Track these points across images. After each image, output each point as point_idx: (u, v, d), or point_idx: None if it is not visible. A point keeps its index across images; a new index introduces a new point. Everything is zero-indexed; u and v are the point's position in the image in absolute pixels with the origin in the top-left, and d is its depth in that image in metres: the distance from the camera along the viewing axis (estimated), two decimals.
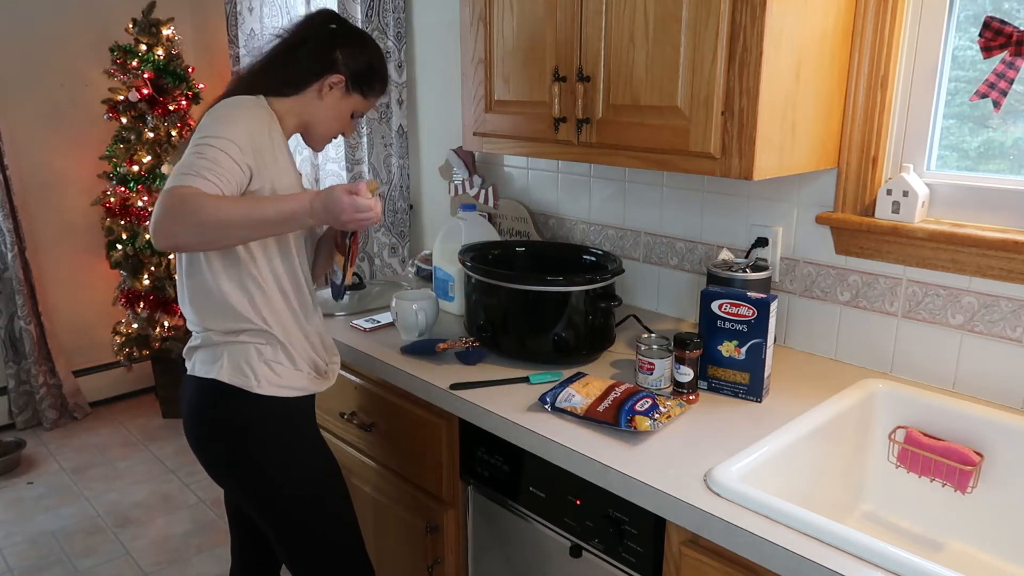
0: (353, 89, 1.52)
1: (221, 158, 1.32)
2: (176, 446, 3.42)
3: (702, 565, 1.16)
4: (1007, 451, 1.34)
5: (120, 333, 3.59)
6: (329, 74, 1.49)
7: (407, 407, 1.70)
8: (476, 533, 1.65)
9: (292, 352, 1.49)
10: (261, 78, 1.49)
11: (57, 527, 2.84)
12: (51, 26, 3.47)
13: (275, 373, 1.47)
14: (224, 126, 1.36)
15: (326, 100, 1.51)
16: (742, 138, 1.34)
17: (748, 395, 1.46)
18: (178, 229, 1.25)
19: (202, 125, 1.39)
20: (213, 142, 1.33)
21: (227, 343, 1.45)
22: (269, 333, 1.46)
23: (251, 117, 1.41)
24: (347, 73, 1.50)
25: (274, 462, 1.49)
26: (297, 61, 1.49)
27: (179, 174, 1.30)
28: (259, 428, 1.47)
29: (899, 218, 1.49)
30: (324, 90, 1.50)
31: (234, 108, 1.41)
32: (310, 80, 1.49)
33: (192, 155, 1.32)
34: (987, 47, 1.35)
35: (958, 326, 1.48)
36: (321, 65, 1.49)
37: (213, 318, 1.45)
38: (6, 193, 3.32)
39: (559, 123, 1.62)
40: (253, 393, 1.45)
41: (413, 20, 2.55)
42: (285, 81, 1.49)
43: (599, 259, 1.81)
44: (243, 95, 1.45)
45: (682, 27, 1.37)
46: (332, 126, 1.55)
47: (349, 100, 1.53)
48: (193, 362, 1.51)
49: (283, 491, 1.50)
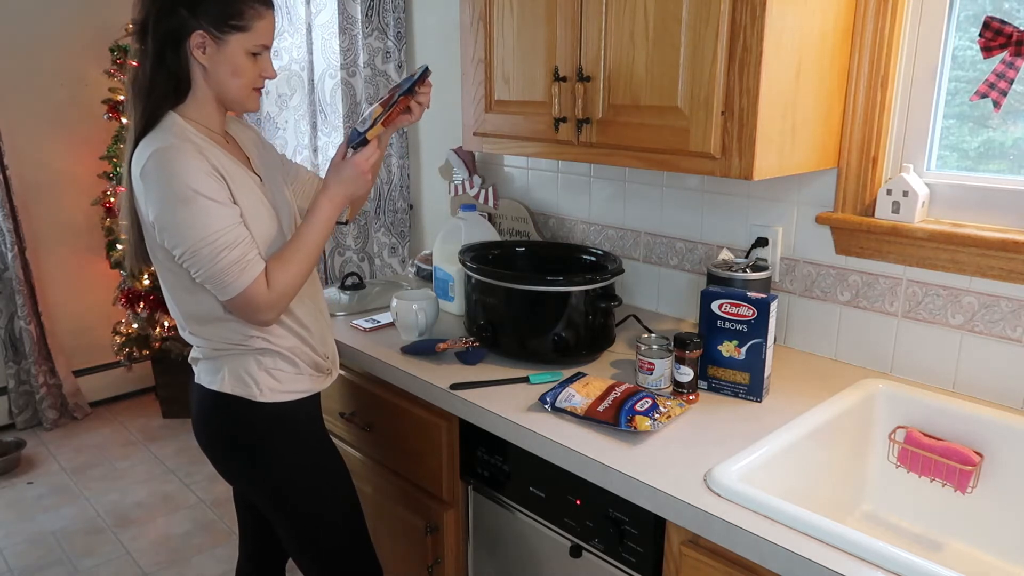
0: (222, 32, 1.32)
1: (224, 231, 1.30)
2: (176, 446, 3.42)
3: (702, 565, 1.16)
4: (1007, 451, 1.34)
5: (120, 333, 3.59)
6: (184, 41, 1.32)
7: (407, 407, 1.70)
8: (476, 533, 1.65)
9: (292, 357, 1.48)
10: (153, 100, 1.35)
11: (57, 527, 2.84)
12: (51, 26, 3.47)
13: (276, 380, 1.46)
14: (183, 205, 1.28)
15: (211, 66, 1.34)
16: (742, 138, 1.34)
17: (748, 395, 1.46)
18: (281, 310, 1.39)
19: (160, 211, 1.29)
20: (203, 235, 1.29)
21: (226, 355, 1.44)
22: (269, 342, 1.44)
23: (180, 164, 1.28)
24: (201, 22, 1.31)
25: (283, 463, 1.50)
26: (155, 58, 1.32)
27: (227, 281, 1.31)
28: (265, 434, 1.48)
29: (899, 218, 1.49)
30: (199, 58, 1.33)
31: (163, 172, 1.28)
32: (181, 66, 1.34)
33: (207, 252, 1.30)
34: (987, 47, 1.35)
35: (958, 326, 1.48)
36: (175, 39, 1.31)
37: (209, 332, 1.44)
38: (6, 193, 3.32)
39: (559, 123, 1.62)
40: (256, 401, 1.45)
41: (413, 20, 2.55)
42: (165, 91, 1.34)
43: (599, 259, 1.81)
44: (154, 132, 1.33)
45: (682, 27, 1.37)
46: (239, 82, 1.37)
47: (229, 46, 1.34)
48: (197, 372, 1.51)
49: (292, 490, 1.52)
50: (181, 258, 1.32)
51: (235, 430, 1.47)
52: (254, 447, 1.48)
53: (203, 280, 1.34)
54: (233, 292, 1.33)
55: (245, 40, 1.35)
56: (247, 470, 1.51)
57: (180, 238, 1.30)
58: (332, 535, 1.57)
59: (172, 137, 1.32)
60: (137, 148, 1.34)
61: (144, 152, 1.31)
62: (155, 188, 1.30)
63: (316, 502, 1.54)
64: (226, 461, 1.54)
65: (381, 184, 2.70)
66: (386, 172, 2.69)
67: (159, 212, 1.31)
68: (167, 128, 1.34)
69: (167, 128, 1.34)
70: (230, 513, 2.92)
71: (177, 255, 1.33)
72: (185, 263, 1.33)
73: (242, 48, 1.35)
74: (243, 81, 1.38)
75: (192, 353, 1.52)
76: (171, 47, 1.33)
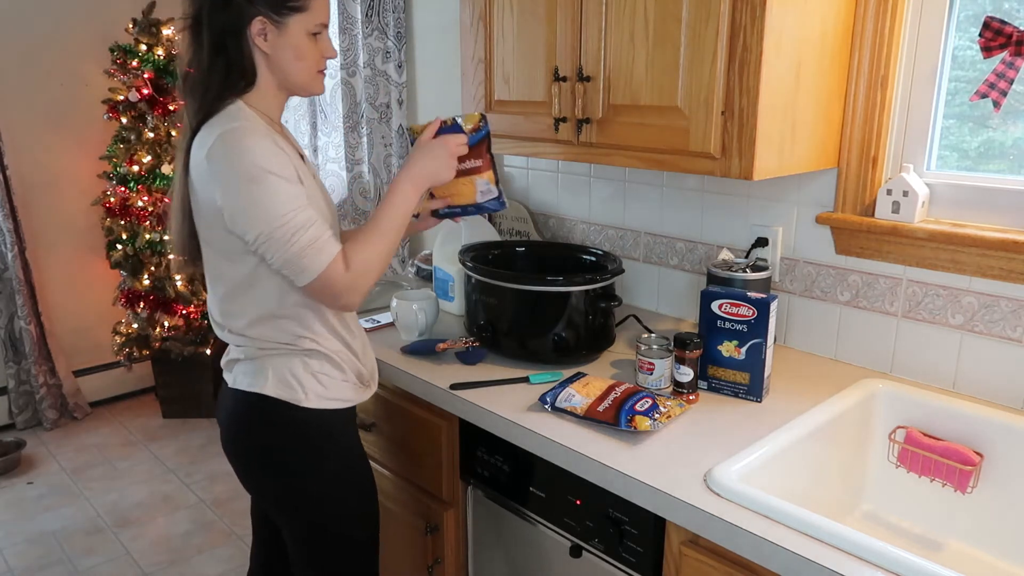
0: (281, 16, 1.29)
1: (296, 211, 1.25)
2: (176, 446, 3.42)
3: (702, 565, 1.16)
4: (1007, 451, 1.34)
5: (120, 333, 3.59)
6: (245, 30, 1.28)
7: (407, 407, 1.70)
8: (476, 533, 1.65)
9: (339, 361, 1.42)
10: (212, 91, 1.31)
11: (57, 527, 2.84)
12: (51, 26, 3.47)
13: (322, 385, 1.40)
14: (253, 184, 1.24)
15: (273, 52, 1.31)
16: (742, 138, 1.34)
17: (748, 395, 1.46)
18: (362, 293, 1.33)
19: (228, 192, 1.25)
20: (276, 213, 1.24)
21: (272, 355, 1.38)
22: (318, 344, 1.38)
23: (249, 143, 1.25)
24: (259, 8, 1.28)
25: (318, 476, 1.43)
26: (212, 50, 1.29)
27: (304, 265, 1.26)
28: (305, 443, 1.40)
29: (899, 218, 1.49)
30: (261, 46, 1.30)
31: (232, 151, 1.25)
32: (244, 56, 1.30)
33: (281, 234, 1.25)
34: (987, 47, 1.35)
35: (958, 326, 1.48)
36: (235, 29, 1.28)
37: (258, 331, 1.37)
38: (6, 193, 3.32)
39: (559, 123, 1.62)
40: (301, 407, 1.37)
41: (413, 20, 2.55)
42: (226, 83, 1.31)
43: (599, 259, 1.81)
44: (218, 117, 1.29)
45: (682, 27, 1.37)
46: (303, 65, 1.35)
47: (290, 29, 1.31)
48: (234, 375, 1.42)
49: (321, 504, 1.44)
50: (255, 243, 1.26)
51: (273, 436, 1.40)
52: (292, 455, 1.40)
53: (280, 266, 1.28)
54: (311, 275, 1.27)
55: (305, 20, 1.31)
56: (279, 480, 1.43)
57: (252, 220, 1.25)
58: (347, 555, 1.51)
59: (239, 120, 1.28)
60: (199, 133, 1.30)
61: (210, 134, 1.27)
62: (223, 169, 1.25)
63: (342, 520, 1.48)
64: (257, 470, 1.45)
65: (381, 184, 2.70)
66: (386, 172, 2.69)
67: (227, 194, 1.25)
68: (232, 114, 1.30)
69: (232, 114, 1.30)
70: (230, 513, 2.92)
71: (250, 240, 1.26)
72: (259, 248, 1.27)
73: (303, 29, 1.32)
74: (307, 64, 1.35)
75: (230, 355, 1.45)
76: (232, 38, 1.29)
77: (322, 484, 1.44)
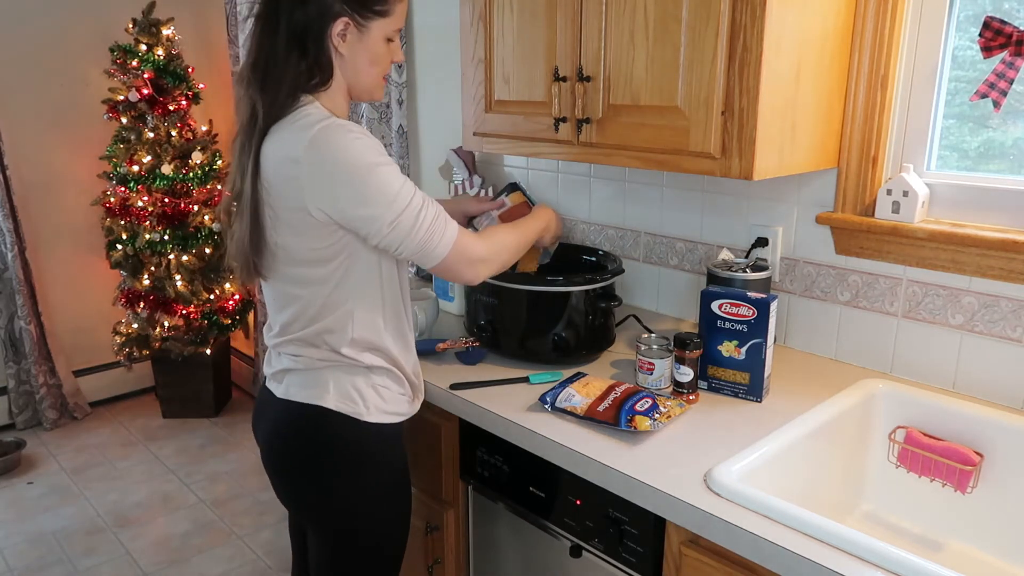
0: (366, 18, 1.26)
1: (412, 193, 1.25)
2: (176, 446, 3.42)
3: (702, 565, 1.16)
4: (1007, 451, 1.34)
5: (120, 333, 3.58)
6: (330, 27, 1.24)
7: None
8: (476, 533, 1.65)
9: (398, 373, 1.39)
10: (285, 88, 1.25)
11: (57, 527, 2.84)
12: (51, 26, 3.47)
13: (382, 398, 1.36)
14: (369, 174, 1.21)
15: (349, 54, 1.28)
16: (742, 138, 1.34)
17: (748, 395, 1.46)
18: (492, 267, 1.40)
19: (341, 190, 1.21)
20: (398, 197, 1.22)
21: (332, 367, 1.33)
22: (386, 355, 1.36)
23: (351, 137, 1.21)
24: (346, 8, 1.24)
25: (366, 492, 1.38)
26: (288, 45, 1.24)
27: (436, 241, 1.27)
28: (360, 456, 1.36)
29: (899, 218, 1.49)
30: (339, 46, 1.26)
31: (336, 147, 1.20)
32: (323, 54, 1.26)
33: (408, 216, 1.23)
34: (987, 47, 1.35)
35: (958, 326, 1.48)
36: (317, 26, 1.24)
37: (329, 339, 1.31)
38: (6, 193, 3.32)
39: (559, 123, 1.62)
40: (362, 421, 1.33)
41: (413, 20, 2.55)
42: (300, 80, 1.26)
43: (599, 259, 1.81)
44: (296, 116, 1.24)
45: (682, 27, 1.37)
46: (375, 70, 1.32)
47: (371, 33, 1.28)
48: (286, 385, 1.37)
49: (363, 518, 1.40)
50: (389, 228, 1.23)
51: (329, 449, 1.34)
52: (344, 467, 1.36)
53: (411, 252, 1.26)
54: (445, 250, 1.27)
55: (386, 25, 1.29)
56: (323, 490, 1.37)
57: (376, 210, 1.21)
58: (372, 569, 1.46)
59: (329, 116, 1.24)
60: (274, 133, 1.25)
61: (299, 132, 1.21)
62: (331, 164, 1.20)
63: (376, 535, 1.43)
64: (301, 478, 1.38)
65: None
66: None
67: (341, 188, 1.21)
68: (317, 110, 1.25)
69: (317, 110, 1.25)
70: (230, 513, 2.92)
71: (375, 230, 1.23)
72: (386, 239, 1.24)
73: (383, 34, 1.30)
74: (379, 69, 1.32)
75: (280, 364, 1.39)
76: (312, 35, 1.25)
77: (366, 497, 1.40)
